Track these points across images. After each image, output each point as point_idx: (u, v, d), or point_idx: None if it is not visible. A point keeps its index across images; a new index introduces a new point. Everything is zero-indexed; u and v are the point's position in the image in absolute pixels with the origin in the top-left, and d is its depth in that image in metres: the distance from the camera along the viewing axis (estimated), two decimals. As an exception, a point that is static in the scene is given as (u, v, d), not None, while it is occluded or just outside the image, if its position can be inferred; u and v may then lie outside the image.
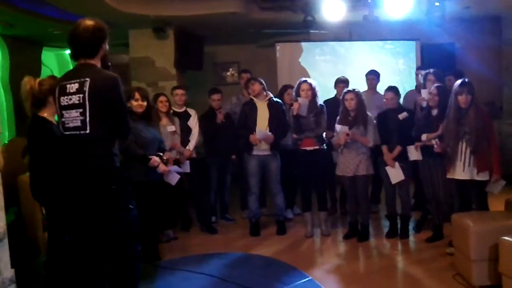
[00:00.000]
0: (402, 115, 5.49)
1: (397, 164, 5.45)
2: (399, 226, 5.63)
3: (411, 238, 5.59)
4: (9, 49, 8.13)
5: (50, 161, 3.66)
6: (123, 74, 8.87)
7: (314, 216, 5.90)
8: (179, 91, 6.24)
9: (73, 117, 3.09)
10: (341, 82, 6.64)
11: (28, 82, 3.90)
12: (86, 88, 3.06)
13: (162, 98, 5.78)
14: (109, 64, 3.28)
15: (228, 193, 6.68)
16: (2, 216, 3.06)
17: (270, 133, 5.70)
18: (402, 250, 5.30)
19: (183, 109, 6.20)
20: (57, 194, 3.42)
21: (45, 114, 3.89)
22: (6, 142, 6.24)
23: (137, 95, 5.00)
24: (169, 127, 5.67)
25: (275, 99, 5.97)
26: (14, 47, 8.17)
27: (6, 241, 3.10)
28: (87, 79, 3.09)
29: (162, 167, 4.90)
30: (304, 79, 5.83)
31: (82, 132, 3.09)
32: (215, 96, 6.33)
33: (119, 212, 3.15)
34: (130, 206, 3.22)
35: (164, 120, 5.71)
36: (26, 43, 8.71)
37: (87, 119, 3.06)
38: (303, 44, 9.14)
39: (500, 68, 9.01)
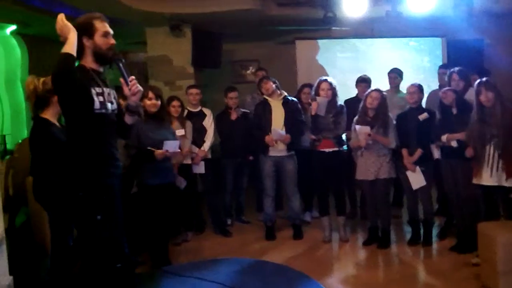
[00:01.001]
0: (422, 116, 5.18)
1: (417, 168, 5.16)
2: (421, 232, 5.36)
3: (435, 245, 5.30)
4: (28, 48, 8.11)
5: (51, 164, 3.53)
6: (141, 72, 8.84)
7: (333, 220, 5.67)
8: (194, 91, 6.08)
9: None
10: (363, 81, 6.39)
11: (31, 82, 3.80)
12: None
13: (175, 103, 5.59)
14: (115, 58, 3.04)
15: (244, 194, 6.50)
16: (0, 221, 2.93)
17: (286, 133, 5.50)
18: (425, 258, 5.03)
19: (198, 109, 6.04)
20: (58, 197, 3.30)
21: (47, 115, 3.79)
22: (20, 142, 6.19)
23: (150, 94, 4.83)
24: (178, 131, 5.50)
25: (290, 97, 5.77)
26: (32, 46, 8.14)
27: (4, 247, 2.99)
28: None
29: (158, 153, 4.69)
30: (324, 78, 5.60)
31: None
32: (232, 94, 6.13)
33: (82, 220, 2.98)
34: (96, 216, 2.95)
35: (174, 124, 5.53)
36: (45, 42, 8.66)
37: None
38: (323, 41, 8.91)
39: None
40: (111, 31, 3.07)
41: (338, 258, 5.22)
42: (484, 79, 4.55)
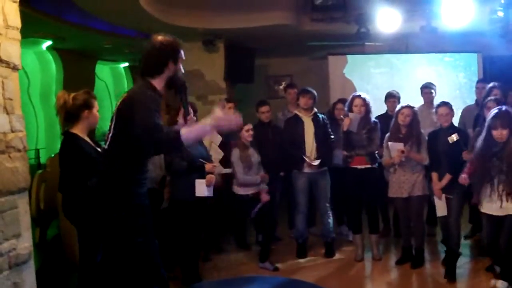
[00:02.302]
0: (452, 138, 4.85)
1: (443, 197, 4.89)
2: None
3: (470, 264, 5.15)
4: (62, 63, 8.26)
5: (80, 179, 3.52)
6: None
7: (365, 238, 5.57)
8: (229, 105, 6.05)
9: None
10: (392, 97, 6.30)
11: (62, 97, 3.81)
12: (118, 104, 2.97)
13: None
14: (180, 84, 3.04)
15: (277, 210, 6.43)
16: (28, 236, 2.94)
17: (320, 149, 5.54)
18: (460, 278, 4.85)
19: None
20: (87, 214, 3.29)
21: (77, 130, 3.79)
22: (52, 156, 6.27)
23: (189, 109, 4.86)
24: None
25: (319, 114, 5.74)
26: (67, 60, 8.31)
27: (31, 262, 2.98)
28: (124, 95, 2.98)
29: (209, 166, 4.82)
30: (357, 93, 5.54)
31: (105, 147, 3.05)
32: (263, 109, 6.08)
33: (119, 242, 2.95)
34: (137, 239, 2.93)
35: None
36: (80, 56, 8.84)
37: (110, 134, 2.96)
38: (357, 56, 8.84)
39: None
40: None
41: (370, 277, 5.13)
42: (503, 110, 4.27)
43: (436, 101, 6.22)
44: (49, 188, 5.41)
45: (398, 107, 5.33)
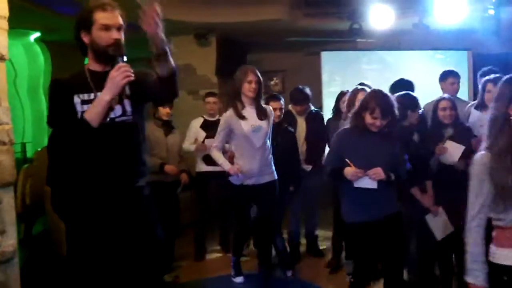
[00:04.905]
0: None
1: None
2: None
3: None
4: (51, 55, 8.16)
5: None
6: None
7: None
8: (211, 99, 5.85)
9: None
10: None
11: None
12: None
13: None
14: (115, 56, 2.48)
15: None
16: (13, 232, 2.88)
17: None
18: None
19: (215, 118, 5.76)
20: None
21: None
22: (39, 149, 6.20)
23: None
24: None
25: (314, 109, 5.64)
26: (56, 53, 8.19)
27: (16, 261, 2.91)
28: None
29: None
30: (360, 86, 4.77)
31: None
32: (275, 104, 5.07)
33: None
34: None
35: None
36: (69, 48, 8.72)
37: None
38: (350, 52, 8.82)
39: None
40: (117, 23, 2.55)
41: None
42: None
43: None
44: (36, 183, 5.33)
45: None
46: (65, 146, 2.64)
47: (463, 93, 7.51)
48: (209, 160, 5.43)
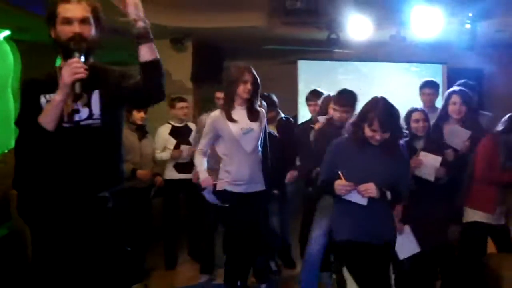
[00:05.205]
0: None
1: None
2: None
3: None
4: (21, 55, 7.95)
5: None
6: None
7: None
8: (183, 104, 5.63)
9: None
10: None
11: None
12: None
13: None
14: (73, 50, 2.32)
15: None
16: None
17: None
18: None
19: (183, 124, 5.61)
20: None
21: None
22: (6, 151, 5.99)
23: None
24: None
25: (285, 117, 5.49)
26: (27, 53, 7.98)
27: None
28: None
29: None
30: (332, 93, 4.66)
31: None
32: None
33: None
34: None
35: None
36: (40, 48, 8.51)
37: None
38: (326, 62, 8.84)
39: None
40: (80, 15, 2.37)
41: None
42: None
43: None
44: (1, 186, 5.13)
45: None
46: (31, 148, 2.50)
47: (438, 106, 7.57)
48: (181, 167, 5.37)
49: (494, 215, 3.95)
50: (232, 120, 3.97)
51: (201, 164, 4.11)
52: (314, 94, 5.53)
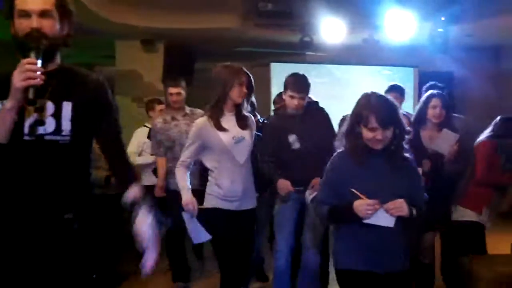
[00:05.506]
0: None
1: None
2: None
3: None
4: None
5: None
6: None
7: None
8: (162, 106, 5.42)
9: None
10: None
11: None
12: None
13: None
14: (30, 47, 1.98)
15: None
16: None
17: None
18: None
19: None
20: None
21: None
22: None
23: None
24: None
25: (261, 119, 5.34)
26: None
27: None
28: None
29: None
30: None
31: None
32: None
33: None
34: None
35: None
36: (9, 48, 8.30)
37: None
38: (299, 65, 8.80)
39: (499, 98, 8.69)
40: (38, 8, 2.01)
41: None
42: None
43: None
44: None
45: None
46: None
47: (408, 110, 7.61)
48: None
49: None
50: (222, 129, 3.46)
51: (184, 179, 3.55)
52: (281, 97, 5.42)
